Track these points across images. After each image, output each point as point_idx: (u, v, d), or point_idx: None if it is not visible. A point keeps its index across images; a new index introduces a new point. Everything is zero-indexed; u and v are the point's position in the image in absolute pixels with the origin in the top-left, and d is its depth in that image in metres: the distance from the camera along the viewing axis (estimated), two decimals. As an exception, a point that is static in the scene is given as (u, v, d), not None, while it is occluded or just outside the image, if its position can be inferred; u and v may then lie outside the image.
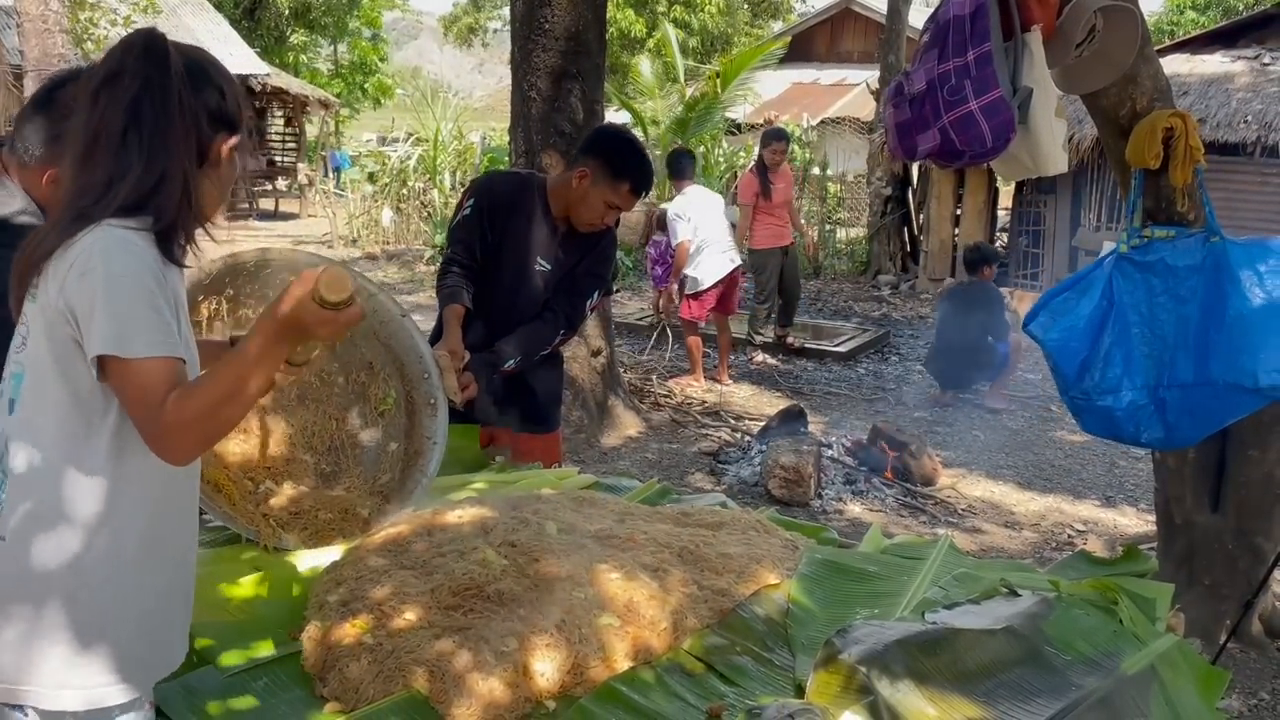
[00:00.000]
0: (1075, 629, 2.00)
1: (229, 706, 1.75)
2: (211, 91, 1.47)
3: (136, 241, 1.38)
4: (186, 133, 1.43)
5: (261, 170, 19.68)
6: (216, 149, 1.49)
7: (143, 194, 1.40)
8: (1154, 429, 2.78)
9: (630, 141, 3.03)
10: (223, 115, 1.49)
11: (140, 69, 1.41)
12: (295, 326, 1.33)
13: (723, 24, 28.65)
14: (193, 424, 1.33)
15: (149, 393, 1.33)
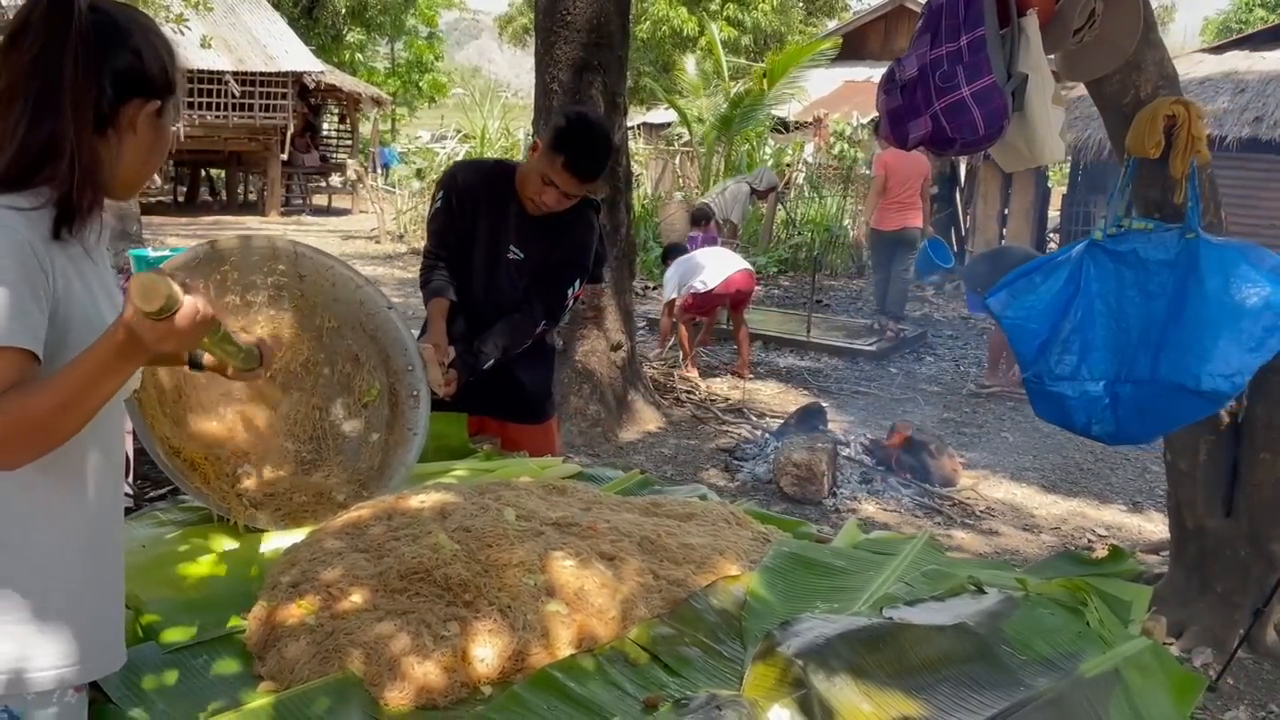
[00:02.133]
0: (1036, 629, 1.93)
1: (163, 681, 1.75)
2: (123, 53, 1.37)
3: (15, 224, 1.29)
4: (81, 95, 1.32)
5: (315, 166, 20.01)
6: (131, 114, 1.39)
7: (28, 163, 1.31)
8: (1105, 423, 2.69)
9: (583, 120, 2.87)
10: (137, 78, 1.38)
11: (43, 26, 1.33)
12: (135, 343, 1.22)
13: (776, 22, 28.49)
14: (25, 428, 1.24)
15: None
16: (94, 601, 1.50)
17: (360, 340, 2.80)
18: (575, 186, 2.84)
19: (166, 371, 2.56)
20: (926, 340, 8.96)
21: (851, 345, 8.34)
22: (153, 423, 2.43)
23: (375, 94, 20.74)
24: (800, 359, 8.13)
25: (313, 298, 2.78)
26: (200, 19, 14.69)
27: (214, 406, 2.64)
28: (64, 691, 1.44)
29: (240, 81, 16.90)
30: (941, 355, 8.50)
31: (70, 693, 1.46)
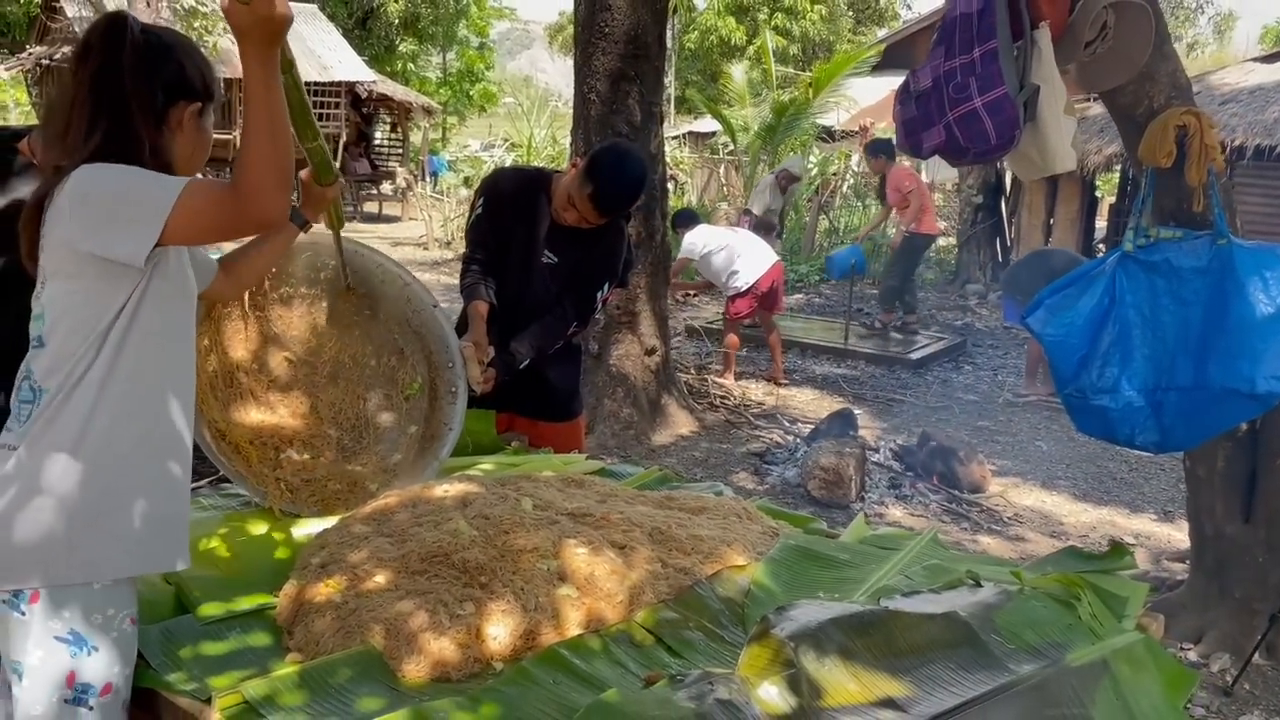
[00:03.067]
0: (1026, 620, 2.00)
1: (199, 651, 1.89)
2: (170, 65, 1.66)
3: (109, 165, 1.58)
4: (141, 100, 1.62)
5: (366, 174, 20.39)
6: (178, 114, 1.68)
7: (114, 151, 1.59)
8: (1149, 432, 2.73)
9: (622, 158, 2.97)
10: (181, 85, 1.68)
11: (102, 47, 1.62)
12: (248, 28, 1.46)
13: (825, 31, 28.48)
14: (260, 160, 1.49)
15: (213, 194, 1.54)
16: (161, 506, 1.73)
17: (406, 335, 2.94)
18: (596, 217, 2.97)
19: (218, 359, 2.73)
20: (965, 349, 8.95)
21: (888, 353, 8.38)
22: (202, 405, 2.58)
23: (426, 103, 21.08)
24: (837, 366, 8.17)
25: (362, 294, 2.93)
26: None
27: (262, 394, 2.79)
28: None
29: (295, 91, 17.26)
30: (980, 364, 8.49)
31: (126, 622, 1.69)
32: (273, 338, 2.80)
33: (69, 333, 1.62)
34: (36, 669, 1.59)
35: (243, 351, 2.73)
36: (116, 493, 1.64)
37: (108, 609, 1.63)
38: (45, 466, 1.60)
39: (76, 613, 1.60)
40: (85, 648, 1.61)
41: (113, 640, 1.64)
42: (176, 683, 1.78)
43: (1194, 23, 32.33)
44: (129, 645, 1.69)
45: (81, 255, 1.58)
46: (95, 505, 1.62)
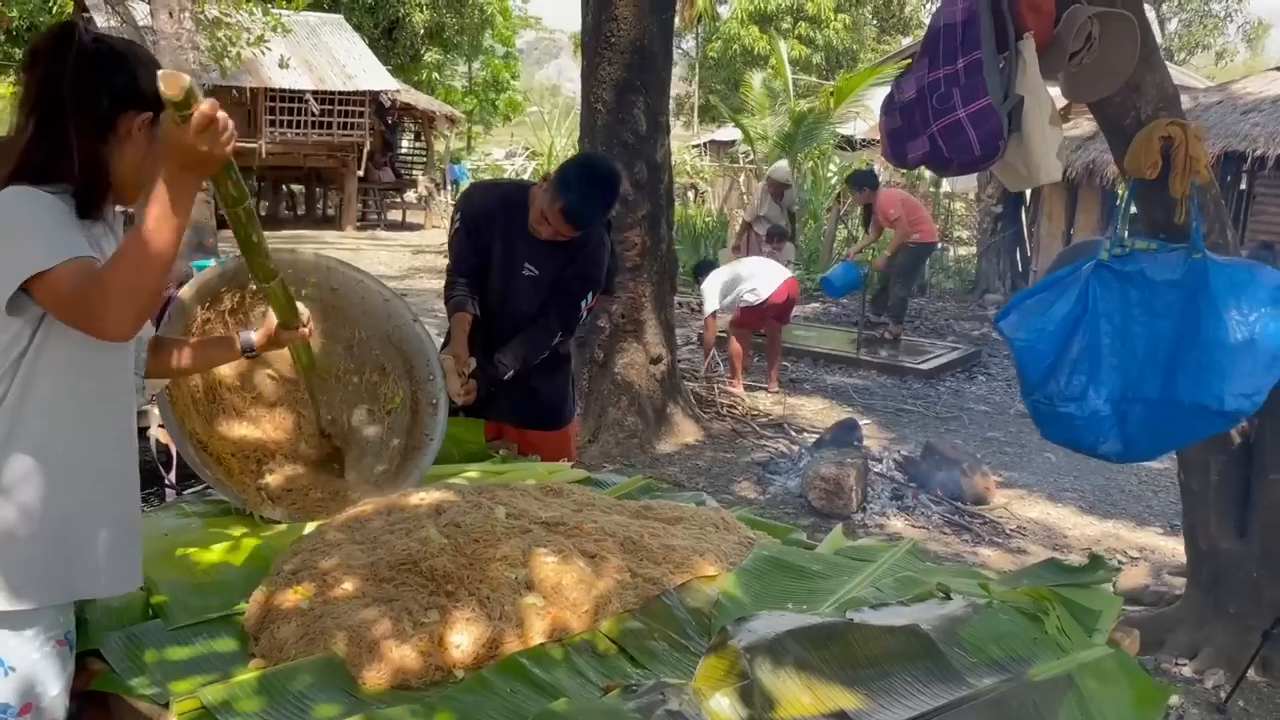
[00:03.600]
0: (991, 633, 1.99)
1: (163, 656, 1.91)
2: (119, 75, 1.62)
3: (37, 194, 1.55)
4: (82, 110, 1.58)
5: (390, 182, 20.55)
6: (127, 124, 1.64)
7: (40, 161, 1.57)
8: (1113, 441, 2.71)
9: (591, 170, 3.00)
10: (132, 95, 1.63)
11: (47, 55, 1.60)
12: (168, 155, 1.45)
13: (848, 40, 28.44)
14: (122, 285, 1.47)
15: (75, 287, 1.48)
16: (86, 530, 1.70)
17: (387, 351, 2.96)
18: (569, 230, 2.97)
19: (200, 375, 2.75)
20: (980, 359, 8.90)
21: (901, 363, 8.33)
22: (183, 418, 2.62)
23: (449, 112, 21.23)
24: (849, 376, 8.14)
25: (343, 310, 2.96)
26: (284, 40, 15.28)
27: (245, 409, 2.83)
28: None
29: (320, 100, 17.46)
30: (994, 374, 8.43)
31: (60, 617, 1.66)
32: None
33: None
34: None
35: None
36: (32, 521, 1.60)
37: (26, 630, 1.61)
38: None
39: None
40: (3, 668, 1.59)
41: (34, 661, 1.62)
42: (138, 687, 1.80)
43: (1222, 31, 31.98)
44: (55, 665, 1.66)
45: None
46: (7, 533, 1.59)
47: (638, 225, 5.61)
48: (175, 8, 9.30)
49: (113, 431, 1.74)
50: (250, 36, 12.61)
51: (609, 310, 5.65)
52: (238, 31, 12.61)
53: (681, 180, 19.39)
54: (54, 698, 1.67)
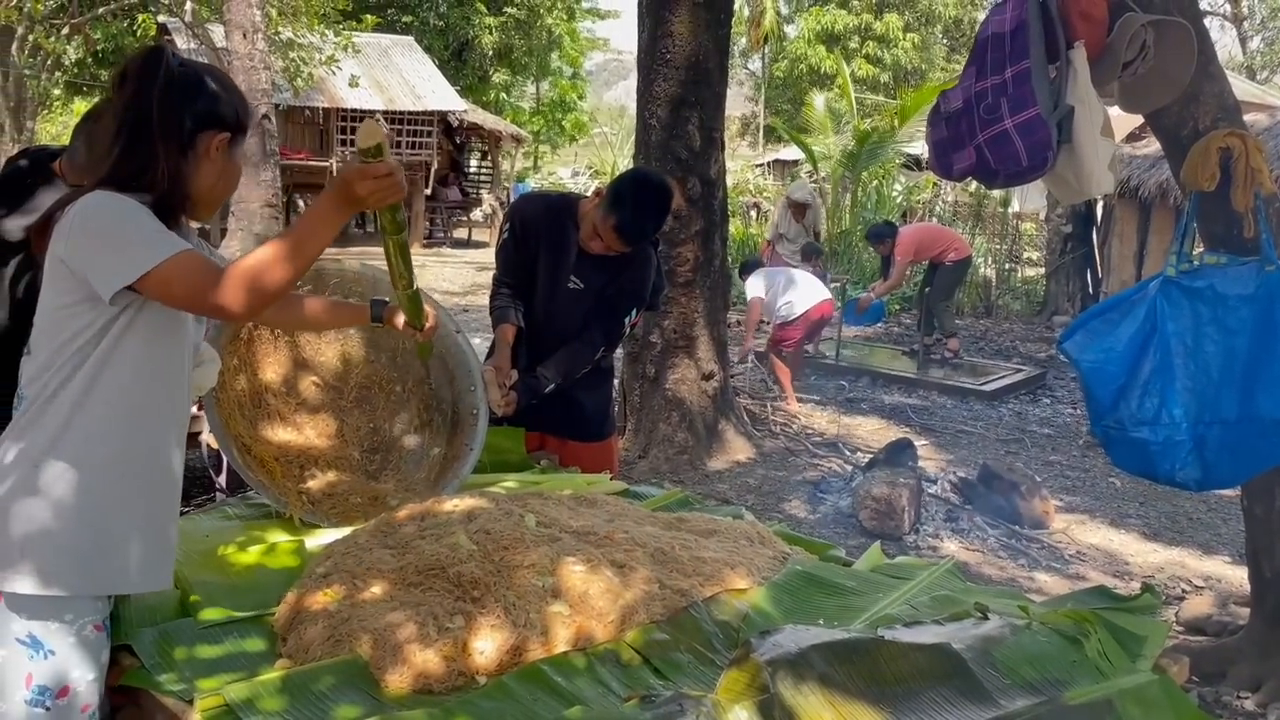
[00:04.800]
0: (1026, 655, 1.93)
1: (193, 653, 1.94)
2: (202, 97, 1.74)
3: (124, 197, 1.65)
4: (167, 128, 1.69)
5: (457, 201, 20.86)
6: (205, 142, 1.74)
7: (129, 173, 1.67)
8: (1191, 468, 2.60)
9: (645, 187, 2.98)
10: (212, 116, 1.75)
11: (136, 77, 1.70)
12: (343, 185, 1.60)
13: (917, 59, 28.20)
14: (259, 274, 1.59)
15: (196, 270, 1.60)
16: (123, 528, 1.74)
17: (431, 361, 2.99)
18: (621, 246, 2.97)
19: (247, 379, 2.81)
20: (1046, 381, 8.70)
21: (962, 384, 8.18)
22: (228, 422, 2.67)
23: (515, 132, 21.50)
24: (908, 396, 8.02)
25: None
26: (356, 61, 15.64)
27: (289, 415, 2.87)
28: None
29: (389, 120, 17.80)
30: (1060, 397, 8.23)
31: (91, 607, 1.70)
32: (301, 362, 2.88)
33: (51, 346, 1.68)
34: (1, 667, 1.64)
35: (272, 373, 2.82)
36: (74, 510, 1.66)
37: (65, 614, 1.66)
38: (11, 473, 1.65)
39: (34, 617, 1.64)
40: (42, 651, 1.64)
41: (71, 646, 1.66)
42: (166, 683, 1.83)
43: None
44: (92, 651, 1.70)
45: (72, 272, 1.64)
46: (49, 519, 1.64)
47: (691, 240, 5.60)
48: (249, 29, 9.58)
49: (167, 430, 1.80)
50: (321, 57, 12.91)
51: (662, 325, 5.64)
52: (310, 52, 12.92)
53: (744, 199, 19.37)
54: (90, 682, 1.71)
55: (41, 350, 1.69)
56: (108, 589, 1.73)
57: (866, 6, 27.80)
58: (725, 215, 5.93)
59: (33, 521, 1.64)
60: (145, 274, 1.58)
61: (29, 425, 1.68)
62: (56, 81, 17.04)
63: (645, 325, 5.62)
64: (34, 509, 1.64)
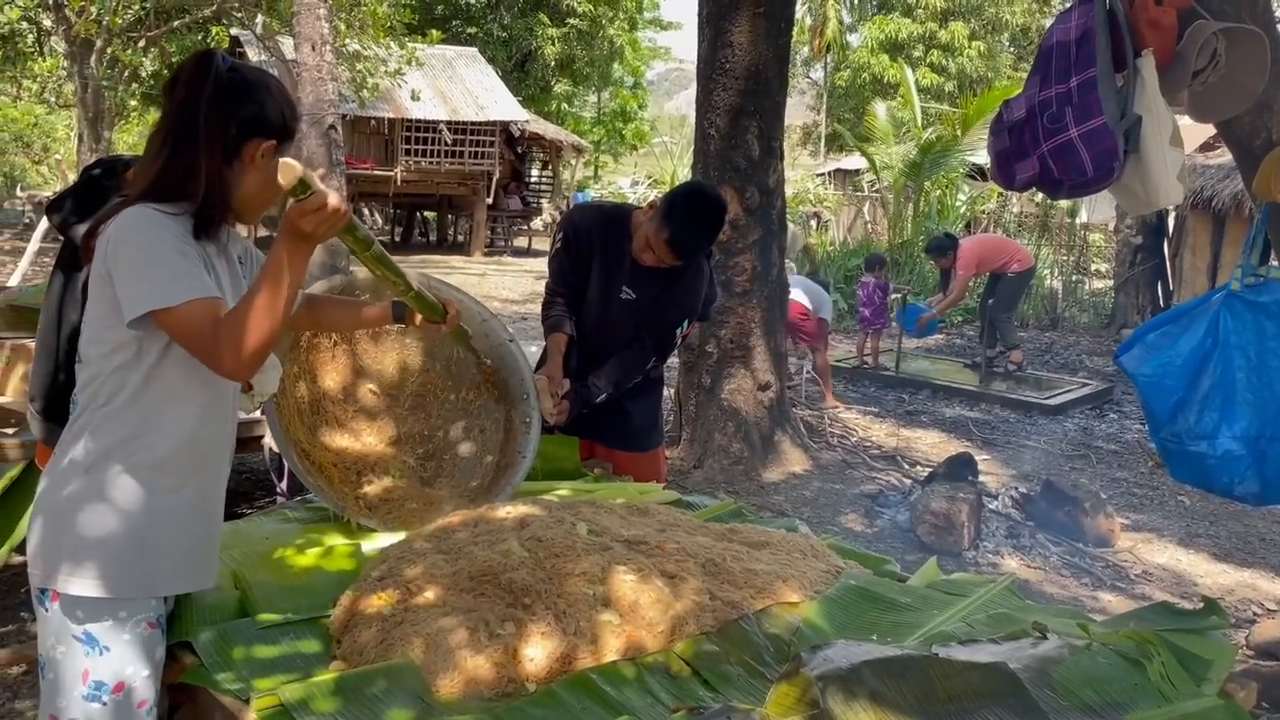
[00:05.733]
0: (1086, 676, 1.89)
1: (251, 653, 1.98)
2: (249, 104, 1.72)
3: (160, 218, 1.64)
4: (212, 135, 1.68)
5: (518, 210, 21.06)
6: (252, 150, 1.73)
7: (172, 181, 1.67)
8: (1250, 482, 2.52)
9: (699, 201, 2.98)
10: (258, 122, 1.73)
11: (187, 82, 1.70)
12: (288, 227, 1.59)
13: (983, 67, 27.81)
14: (242, 327, 1.58)
15: (200, 327, 1.60)
16: (175, 536, 1.78)
17: (485, 370, 3.02)
18: (673, 259, 2.98)
19: (307, 386, 2.86)
20: (1113, 396, 8.51)
21: (1026, 398, 8.03)
22: (288, 427, 2.72)
23: (576, 142, 21.65)
24: (970, 409, 7.89)
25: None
26: (420, 72, 15.87)
27: (347, 421, 2.92)
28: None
29: (453, 130, 18.05)
30: (1128, 412, 8.04)
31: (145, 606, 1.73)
32: (359, 369, 2.93)
33: (99, 353, 1.70)
34: (58, 663, 1.69)
35: (331, 381, 2.86)
36: (126, 515, 1.69)
37: (119, 613, 1.70)
38: (66, 477, 1.69)
39: (89, 616, 1.68)
40: (98, 648, 1.68)
41: (126, 643, 1.70)
42: (224, 682, 1.87)
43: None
44: (146, 647, 1.74)
45: (110, 286, 1.65)
46: (103, 524, 1.68)
47: (748, 250, 5.58)
48: (317, 41, 9.77)
49: (214, 436, 1.83)
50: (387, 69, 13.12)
51: (718, 335, 5.63)
52: (375, 64, 13.14)
53: (805, 208, 19.25)
54: (145, 678, 1.75)
55: (90, 358, 1.72)
56: (159, 591, 1.77)
57: (931, 15, 27.49)
58: (784, 225, 5.91)
59: (87, 526, 1.67)
60: (157, 311, 1.60)
61: (81, 432, 1.71)
62: (133, 93, 17.56)
63: (701, 335, 5.61)
64: (88, 514, 1.67)
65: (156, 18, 14.16)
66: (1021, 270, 9.03)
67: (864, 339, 9.06)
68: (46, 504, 1.71)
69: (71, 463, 1.70)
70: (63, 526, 1.68)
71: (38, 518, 1.72)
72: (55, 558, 1.68)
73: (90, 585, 1.67)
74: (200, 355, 1.63)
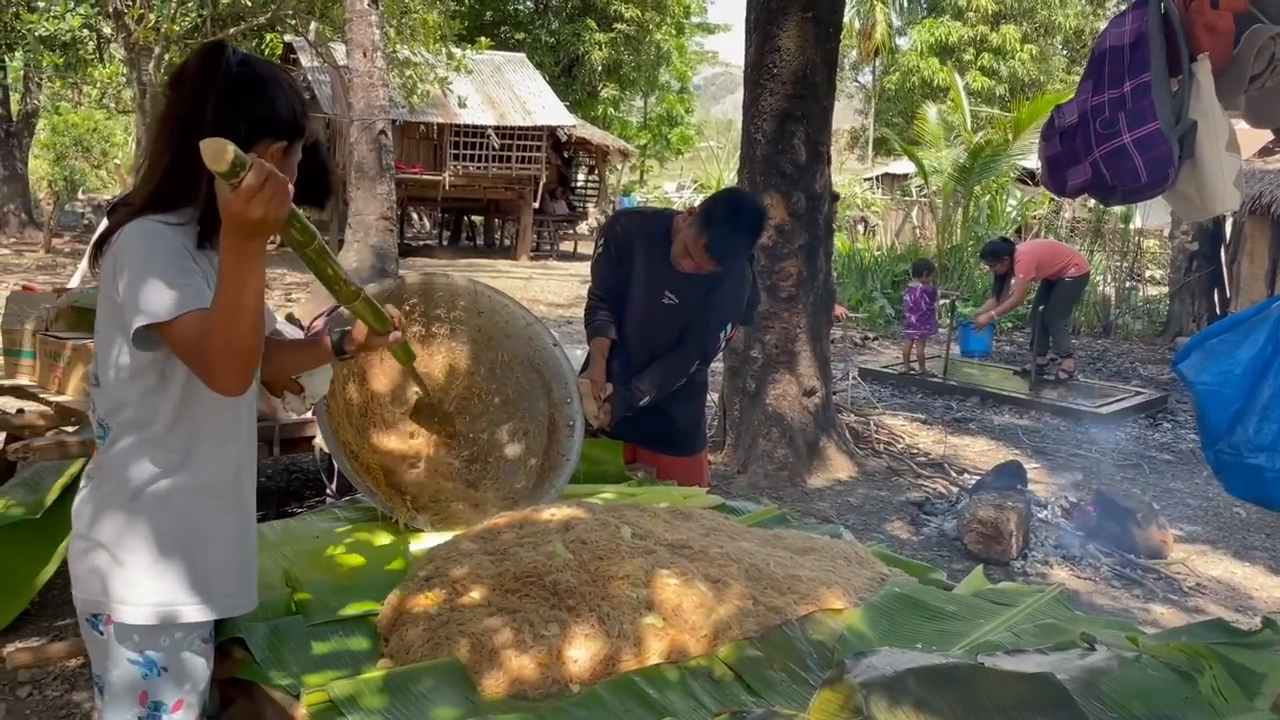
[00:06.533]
0: (1135, 689, 1.86)
1: (301, 650, 2.02)
2: (260, 101, 1.61)
3: (164, 231, 1.57)
4: (220, 132, 1.45)
5: (564, 215, 21.16)
6: (261, 151, 1.59)
7: (174, 187, 1.58)
8: (1310, 498, 2.46)
9: (736, 207, 2.98)
10: (269, 121, 1.62)
11: (195, 76, 1.60)
12: (231, 221, 1.38)
13: (1035, 71, 27.48)
14: (217, 338, 1.46)
15: (192, 340, 1.51)
16: (226, 555, 1.77)
17: (527, 373, 3.05)
18: (712, 265, 2.99)
19: (356, 389, 2.90)
20: (1167, 405, 8.35)
21: (1077, 406, 7.91)
22: (337, 429, 2.76)
23: (622, 146, 21.70)
24: (1019, 417, 7.80)
25: (488, 332, 3.07)
26: (469, 79, 16.01)
27: (395, 423, 2.96)
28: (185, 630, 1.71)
29: (500, 135, 18.18)
30: (1182, 422, 7.89)
31: (199, 624, 1.73)
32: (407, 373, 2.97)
33: (120, 378, 1.64)
34: (115, 685, 1.68)
35: (380, 383, 2.91)
36: (175, 541, 1.67)
37: (175, 634, 1.68)
38: (105, 503, 1.66)
39: (145, 641, 1.67)
40: (155, 669, 1.67)
41: (180, 661, 1.70)
42: (275, 677, 1.91)
43: None
44: (200, 663, 1.74)
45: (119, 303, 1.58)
46: (149, 550, 1.65)
47: (794, 255, 5.56)
48: (369, 48, 9.91)
49: (245, 453, 1.79)
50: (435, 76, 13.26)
51: (763, 340, 5.61)
52: (425, 70, 13.28)
53: (851, 213, 19.14)
54: (200, 693, 1.76)
55: (110, 382, 1.66)
56: (211, 613, 1.75)
57: (982, 18, 27.21)
58: (830, 230, 5.88)
59: (139, 553, 1.65)
60: (155, 325, 1.51)
61: (122, 460, 1.66)
62: (190, 99, 17.85)
63: (746, 340, 5.60)
64: (139, 541, 1.65)
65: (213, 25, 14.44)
66: (1078, 275, 8.88)
67: (910, 345, 8.98)
68: (93, 531, 1.67)
69: (116, 491, 1.66)
70: (113, 555, 1.65)
71: (84, 543, 1.68)
72: (107, 586, 1.65)
73: (145, 613, 1.65)
74: (195, 371, 1.54)
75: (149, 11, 13.09)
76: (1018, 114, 14.12)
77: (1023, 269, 8.58)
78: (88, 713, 3.05)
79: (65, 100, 20.87)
